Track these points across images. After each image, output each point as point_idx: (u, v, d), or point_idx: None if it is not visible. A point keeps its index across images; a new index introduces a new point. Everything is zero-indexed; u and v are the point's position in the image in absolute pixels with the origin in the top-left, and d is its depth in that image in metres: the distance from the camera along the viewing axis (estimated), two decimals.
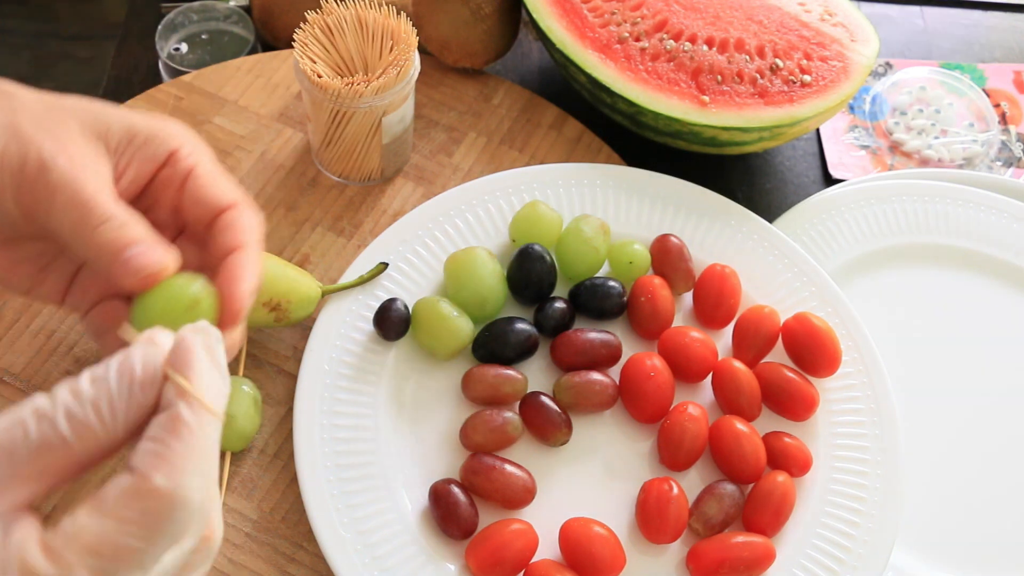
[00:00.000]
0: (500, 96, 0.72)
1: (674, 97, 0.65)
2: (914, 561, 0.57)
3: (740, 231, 0.64)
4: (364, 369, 0.57)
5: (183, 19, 0.75)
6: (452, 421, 0.57)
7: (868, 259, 0.67)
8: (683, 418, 0.55)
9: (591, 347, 0.58)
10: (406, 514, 0.53)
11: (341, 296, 0.59)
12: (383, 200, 0.67)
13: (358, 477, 0.54)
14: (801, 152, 0.76)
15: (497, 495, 0.53)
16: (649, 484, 0.54)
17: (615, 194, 0.65)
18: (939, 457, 0.61)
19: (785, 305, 0.61)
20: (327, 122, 0.63)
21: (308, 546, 0.54)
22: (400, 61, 0.61)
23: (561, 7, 0.69)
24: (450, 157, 0.69)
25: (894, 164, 0.75)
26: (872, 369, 0.59)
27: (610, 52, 0.67)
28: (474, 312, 0.59)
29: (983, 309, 0.67)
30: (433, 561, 0.52)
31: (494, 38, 0.71)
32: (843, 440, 0.57)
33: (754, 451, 0.55)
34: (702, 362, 0.58)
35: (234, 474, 0.55)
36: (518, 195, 0.64)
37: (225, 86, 0.71)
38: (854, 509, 0.55)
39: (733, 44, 0.67)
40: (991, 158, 0.76)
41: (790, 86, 0.65)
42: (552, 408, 0.56)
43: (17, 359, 0.58)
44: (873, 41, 0.68)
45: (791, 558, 0.53)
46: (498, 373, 0.56)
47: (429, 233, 0.62)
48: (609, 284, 0.60)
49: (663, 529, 0.53)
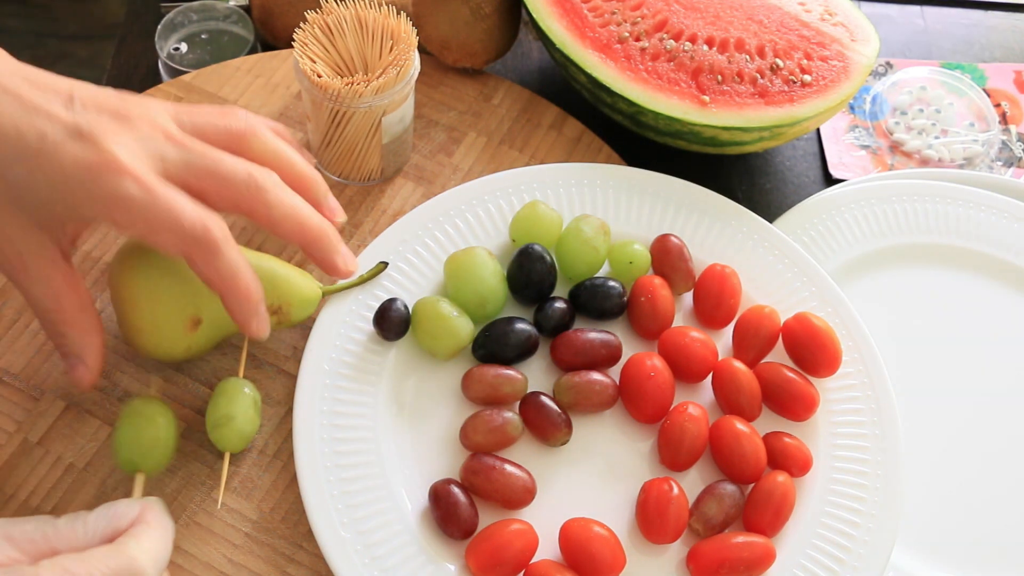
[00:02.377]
0: (500, 96, 0.72)
1: (674, 97, 0.65)
2: (914, 561, 0.57)
3: (740, 231, 0.64)
4: (364, 369, 0.57)
5: (183, 19, 0.75)
6: (452, 421, 0.57)
7: (868, 259, 0.67)
8: (683, 418, 0.55)
9: (591, 347, 0.58)
10: (406, 514, 0.53)
11: (341, 296, 0.59)
12: (383, 200, 0.67)
13: (358, 477, 0.54)
14: (801, 152, 0.75)
15: (497, 495, 0.53)
16: (649, 484, 0.54)
17: (615, 194, 0.65)
18: (939, 457, 0.61)
19: (785, 305, 0.61)
20: (327, 122, 0.63)
21: (308, 546, 0.53)
22: (400, 61, 0.61)
23: (561, 7, 0.69)
24: (450, 157, 0.69)
25: (894, 164, 0.75)
26: (872, 369, 0.59)
27: (610, 52, 0.67)
28: (474, 312, 0.59)
29: (983, 309, 0.67)
30: (433, 561, 0.52)
31: (494, 38, 0.71)
32: (843, 440, 0.57)
33: (754, 451, 0.55)
34: (702, 362, 0.58)
35: (234, 474, 0.55)
36: (518, 195, 0.64)
37: (225, 86, 0.71)
38: (854, 509, 0.55)
39: (733, 44, 0.67)
40: (991, 158, 0.76)
41: (790, 86, 0.65)
42: (552, 408, 0.56)
43: (17, 359, 0.58)
44: (873, 41, 0.68)
45: (791, 558, 0.53)
46: (498, 373, 0.56)
47: (429, 233, 0.62)
48: (609, 284, 0.60)
49: (663, 529, 0.53)
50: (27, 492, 0.54)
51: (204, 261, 0.46)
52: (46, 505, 0.54)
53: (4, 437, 0.56)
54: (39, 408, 0.57)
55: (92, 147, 0.44)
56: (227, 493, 0.55)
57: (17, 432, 0.56)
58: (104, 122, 0.45)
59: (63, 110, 0.45)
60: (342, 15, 0.62)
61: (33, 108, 0.44)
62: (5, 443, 0.55)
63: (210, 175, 0.47)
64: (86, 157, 0.43)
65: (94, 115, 0.45)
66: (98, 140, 0.44)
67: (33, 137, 0.43)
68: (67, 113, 0.44)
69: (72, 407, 0.57)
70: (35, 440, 0.56)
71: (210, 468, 0.56)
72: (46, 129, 0.44)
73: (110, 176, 0.44)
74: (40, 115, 0.44)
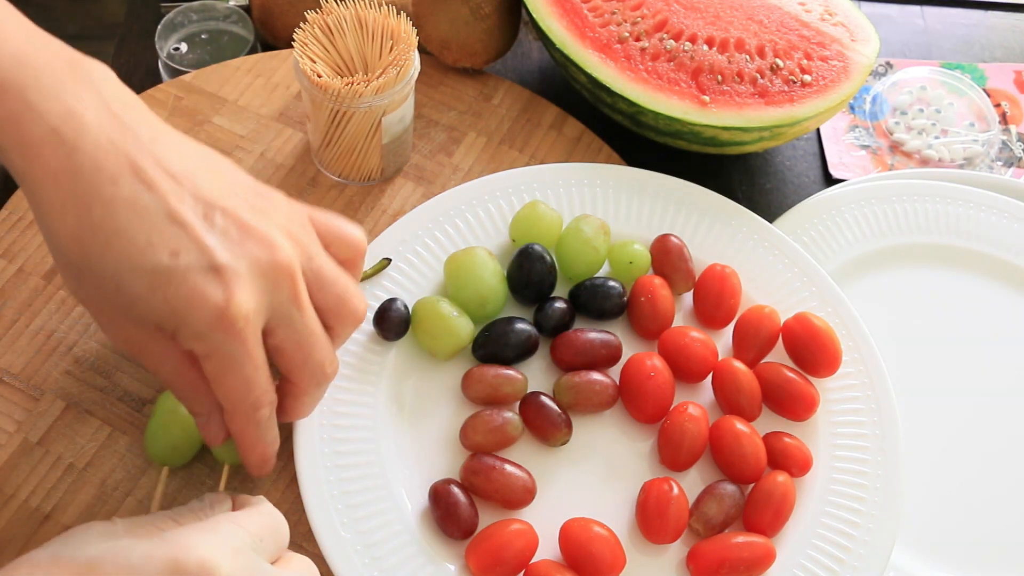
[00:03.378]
0: (500, 96, 0.72)
1: (674, 97, 0.65)
2: (914, 561, 0.57)
3: (740, 231, 0.64)
4: (364, 369, 0.57)
5: (183, 19, 0.75)
6: (452, 421, 0.57)
7: (868, 259, 0.67)
8: (683, 418, 0.55)
9: (591, 347, 0.58)
10: (406, 514, 0.53)
11: None
12: (383, 200, 0.67)
13: (358, 477, 0.54)
14: (801, 152, 0.75)
15: (497, 495, 0.53)
16: (649, 484, 0.54)
17: (615, 194, 0.65)
18: (939, 457, 0.61)
19: (785, 305, 0.61)
20: (327, 122, 0.63)
21: (308, 546, 0.53)
22: (400, 61, 0.61)
23: (561, 7, 0.69)
24: (450, 157, 0.69)
25: (894, 164, 0.75)
26: (872, 369, 0.59)
27: (610, 52, 0.67)
28: (474, 312, 0.59)
29: (983, 309, 0.67)
30: (433, 561, 0.52)
31: (494, 38, 0.71)
32: (843, 440, 0.57)
33: (754, 451, 0.55)
34: (702, 362, 0.58)
35: (234, 474, 0.55)
36: (518, 195, 0.64)
37: (225, 86, 0.71)
38: (854, 509, 0.55)
39: (733, 44, 0.67)
40: (991, 158, 0.76)
41: (790, 86, 0.65)
42: (552, 408, 0.56)
43: (17, 359, 0.58)
44: (873, 41, 0.68)
45: (791, 558, 0.53)
46: (498, 373, 0.56)
47: (429, 233, 0.62)
48: (609, 284, 0.60)
49: (663, 529, 0.53)
50: (27, 492, 0.54)
51: (240, 426, 0.45)
52: (46, 505, 0.54)
53: (4, 437, 0.56)
54: (39, 408, 0.57)
55: (223, 292, 0.39)
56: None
57: (17, 432, 0.56)
58: (241, 258, 0.40)
59: (202, 226, 0.39)
60: (342, 15, 0.62)
61: (170, 215, 0.39)
62: (5, 443, 0.55)
63: (297, 346, 0.44)
64: (216, 303, 0.39)
65: (234, 244, 0.40)
66: (231, 288, 0.39)
67: (165, 254, 0.38)
68: (206, 232, 0.40)
69: (72, 407, 0.57)
70: (35, 440, 0.56)
71: (210, 468, 0.56)
72: (180, 248, 0.39)
73: (229, 331, 0.40)
74: (176, 227, 0.39)
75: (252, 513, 0.42)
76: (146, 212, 0.38)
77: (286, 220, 0.44)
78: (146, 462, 0.55)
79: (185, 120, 0.69)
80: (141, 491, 0.54)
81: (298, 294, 0.43)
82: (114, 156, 0.38)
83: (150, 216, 0.38)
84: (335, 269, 0.46)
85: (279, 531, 0.43)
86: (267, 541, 0.42)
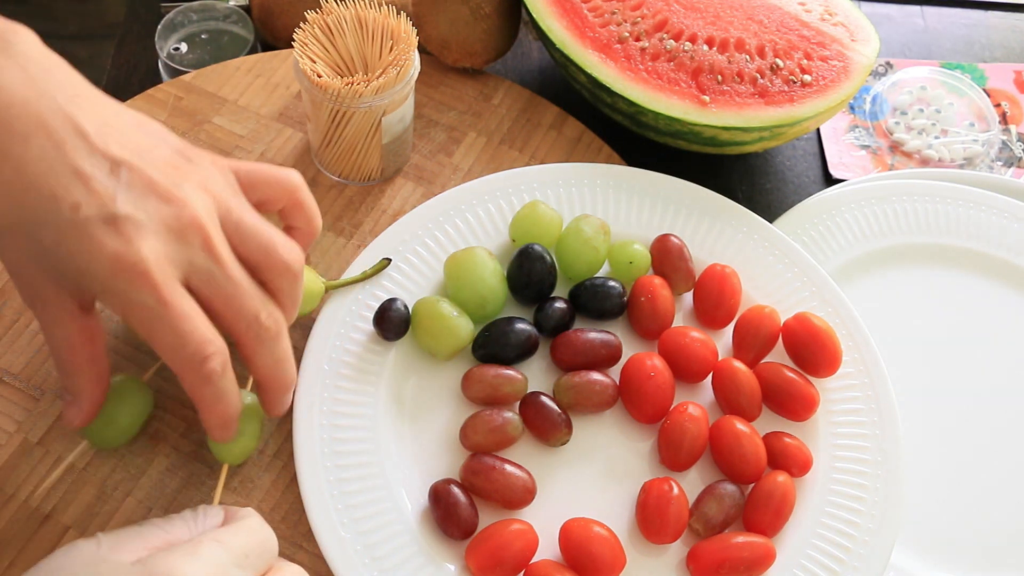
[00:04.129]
0: (500, 96, 0.72)
1: (674, 97, 0.65)
2: (914, 561, 0.57)
3: (740, 231, 0.64)
4: (364, 369, 0.57)
5: (183, 19, 0.75)
6: (452, 421, 0.57)
7: (868, 259, 0.67)
8: (683, 418, 0.55)
9: (591, 347, 0.58)
10: (406, 514, 0.53)
11: (341, 296, 0.59)
12: (383, 200, 0.67)
13: (358, 477, 0.54)
14: (801, 152, 0.76)
15: (497, 495, 0.53)
16: (649, 484, 0.54)
17: (615, 194, 0.65)
18: (939, 457, 0.61)
19: (785, 305, 0.61)
20: (327, 122, 0.63)
21: (308, 546, 0.53)
22: (400, 61, 0.61)
23: (561, 7, 0.69)
24: (450, 157, 0.69)
25: (894, 164, 0.75)
26: (872, 369, 0.59)
27: (610, 52, 0.67)
28: (474, 312, 0.59)
29: (983, 309, 0.67)
30: (433, 561, 0.52)
31: (494, 38, 0.71)
32: (843, 440, 0.57)
33: (754, 451, 0.55)
34: (702, 362, 0.58)
35: (234, 474, 0.55)
36: (518, 195, 0.64)
37: (225, 86, 0.71)
38: (854, 509, 0.55)
39: (733, 44, 0.67)
40: (991, 158, 0.76)
41: (790, 86, 0.65)
42: (552, 408, 0.56)
43: (17, 359, 0.58)
44: (873, 41, 0.68)
45: (791, 558, 0.53)
46: (498, 373, 0.56)
47: (429, 233, 0.62)
48: (609, 284, 0.60)
49: (663, 529, 0.53)
50: (27, 492, 0.54)
51: (191, 384, 0.45)
52: (46, 505, 0.54)
53: (4, 437, 0.56)
54: (39, 408, 0.57)
55: (121, 241, 0.41)
56: (226, 493, 0.55)
57: (17, 432, 0.56)
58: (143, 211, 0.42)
59: (106, 181, 0.41)
60: (342, 15, 0.62)
61: (74, 171, 0.40)
62: (5, 443, 0.55)
63: (224, 301, 0.45)
64: (113, 250, 0.40)
65: (138, 197, 0.42)
66: (129, 237, 0.41)
67: (67, 207, 0.40)
68: (109, 187, 0.41)
69: None
70: (35, 440, 0.56)
71: (210, 468, 0.56)
72: (81, 201, 0.40)
73: (131, 278, 0.41)
74: (79, 182, 0.40)
75: (238, 530, 0.43)
76: (51, 169, 0.40)
77: (204, 177, 0.45)
78: (146, 462, 0.55)
79: (185, 120, 0.69)
80: (141, 491, 0.54)
81: (213, 247, 0.44)
82: (25, 116, 0.39)
83: (55, 172, 0.40)
84: (257, 220, 0.46)
85: (265, 545, 0.43)
86: (252, 557, 0.42)
